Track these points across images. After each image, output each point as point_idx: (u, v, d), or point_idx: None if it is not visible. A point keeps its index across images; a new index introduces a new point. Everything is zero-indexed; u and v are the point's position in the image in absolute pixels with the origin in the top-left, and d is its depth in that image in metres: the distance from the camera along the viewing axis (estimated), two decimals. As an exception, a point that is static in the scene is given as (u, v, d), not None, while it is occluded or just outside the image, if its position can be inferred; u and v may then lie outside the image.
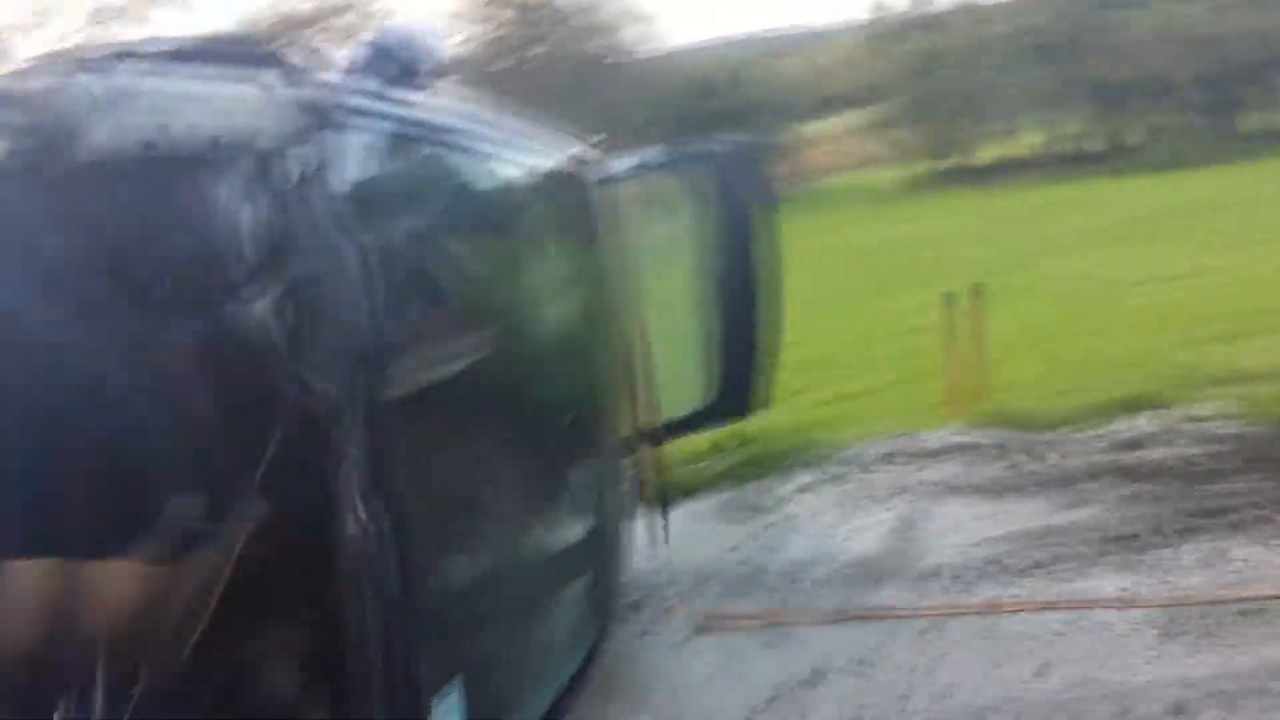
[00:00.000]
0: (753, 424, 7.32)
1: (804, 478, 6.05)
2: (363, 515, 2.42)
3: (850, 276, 17.71)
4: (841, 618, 4.31)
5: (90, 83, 1.69)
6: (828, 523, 5.36)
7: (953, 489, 5.65)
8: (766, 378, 5.91)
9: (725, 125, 31.40)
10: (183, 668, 2.41)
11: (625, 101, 31.04)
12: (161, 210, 2.04)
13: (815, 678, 3.89)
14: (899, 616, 4.27)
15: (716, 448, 6.68)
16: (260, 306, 2.18)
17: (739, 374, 5.79)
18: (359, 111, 2.60)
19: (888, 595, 4.49)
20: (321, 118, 2.36)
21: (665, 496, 4.57)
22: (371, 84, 2.79)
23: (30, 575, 2.31)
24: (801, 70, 40.48)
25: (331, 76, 2.73)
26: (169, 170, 2.00)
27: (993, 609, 4.24)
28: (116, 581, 2.32)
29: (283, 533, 2.41)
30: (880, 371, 11.33)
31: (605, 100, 29.98)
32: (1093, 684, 3.64)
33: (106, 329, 2.16)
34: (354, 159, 2.51)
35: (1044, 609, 4.19)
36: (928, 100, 33.56)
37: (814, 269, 20.03)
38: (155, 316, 2.16)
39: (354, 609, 2.44)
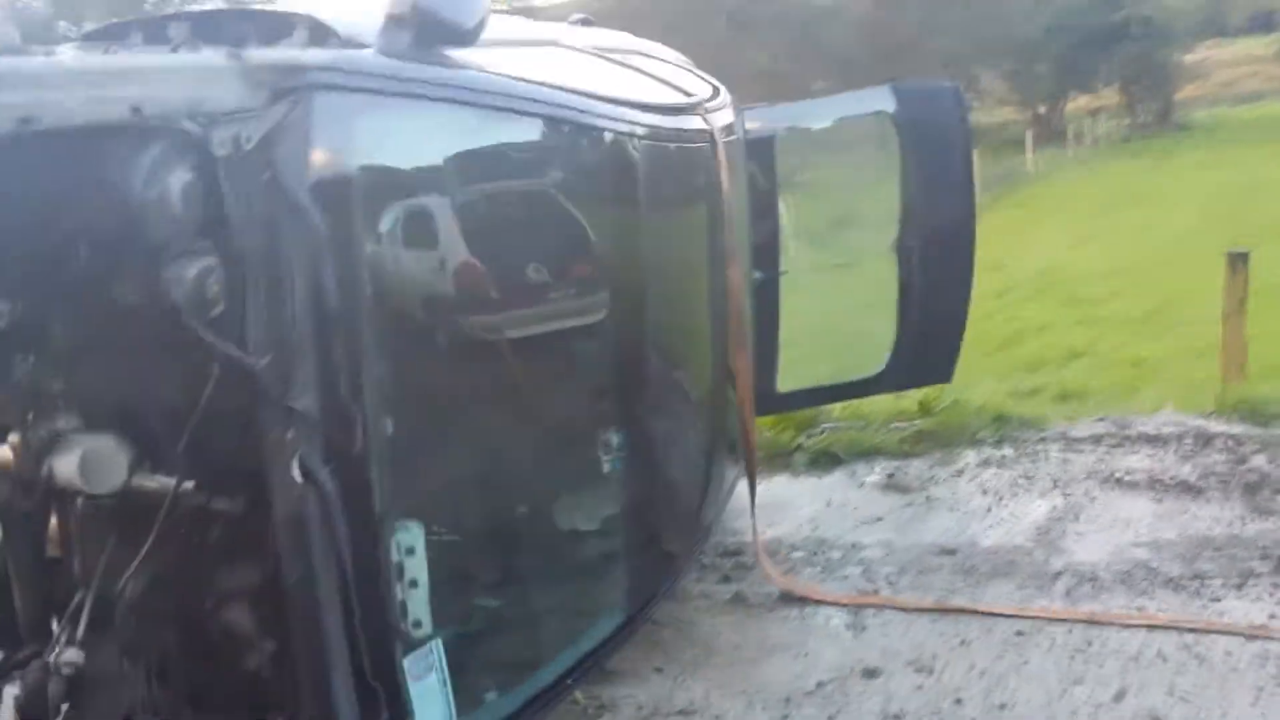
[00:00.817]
0: (982, 390, 7.07)
1: (986, 454, 5.71)
2: (300, 476, 2.59)
3: (1219, 221, 16.19)
4: (935, 610, 4.11)
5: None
6: (980, 506, 5.06)
7: (1144, 482, 5.15)
8: (953, 345, 5.65)
9: (1126, 41, 29.23)
10: (138, 620, 2.73)
11: (1020, 9, 29.07)
12: (75, 182, 2.25)
13: (876, 669, 3.76)
14: (994, 616, 4.02)
15: (925, 409, 6.41)
16: (189, 272, 2.37)
17: (921, 338, 5.57)
18: (356, 75, 2.70)
19: (1001, 592, 4.22)
20: (293, 86, 2.49)
21: (754, 461, 4.46)
22: (402, 44, 2.90)
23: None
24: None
25: (358, 40, 2.88)
26: (81, 143, 2.19)
27: (1097, 621, 3.89)
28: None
29: (222, 489, 2.65)
30: (1187, 338, 10.50)
31: (995, 8, 28.20)
32: (1168, 717, 3.30)
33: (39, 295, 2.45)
34: (335, 124, 2.60)
35: (1156, 628, 3.81)
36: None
37: (1184, 210, 18.54)
38: (84, 283, 2.43)
39: (294, 566, 2.63)
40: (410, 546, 3.10)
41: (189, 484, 2.57)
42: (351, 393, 2.68)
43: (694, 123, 3.95)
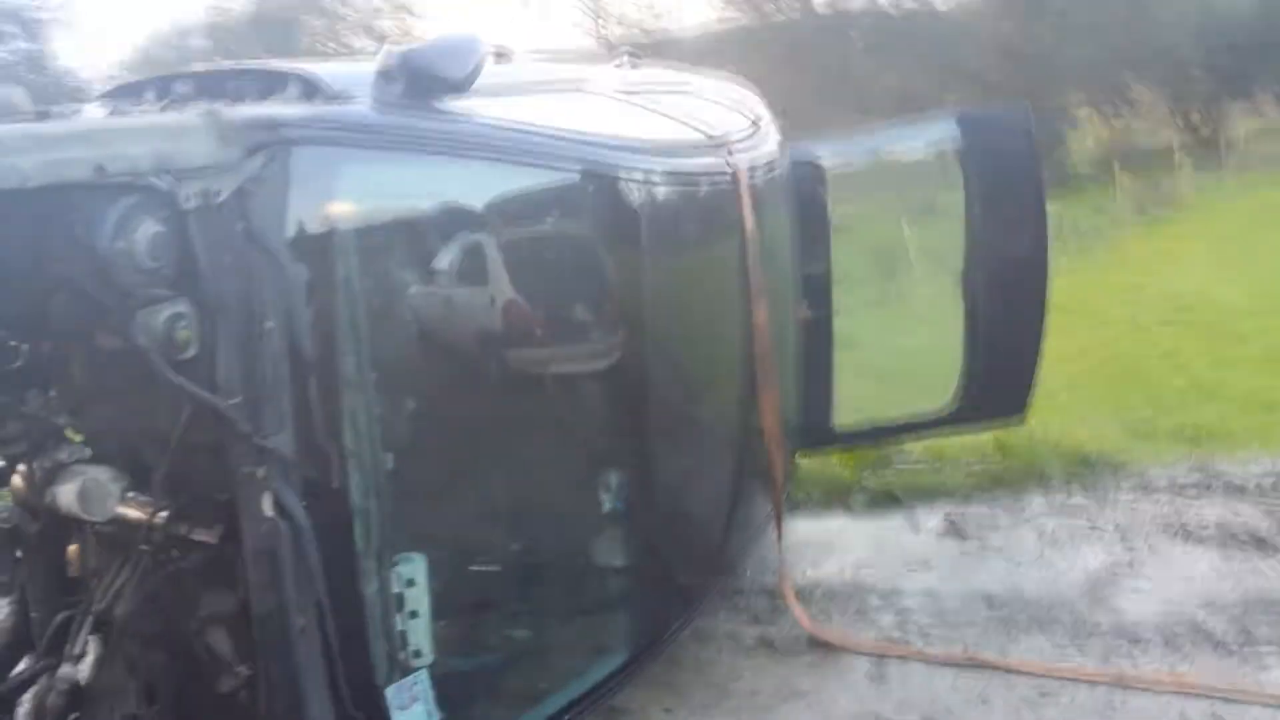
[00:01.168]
0: (1090, 426, 6.80)
1: (1055, 498, 5.50)
2: (271, 511, 2.70)
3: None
4: (961, 663, 3.99)
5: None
6: (1034, 555, 4.88)
7: (1214, 534, 4.89)
8: (1026, 381, 5.47)
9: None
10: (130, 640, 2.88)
11: (1168, 15, 27.68)
12: (52, 236, 2.41)
13: (885, 722, 3.68)
14: (1020, 673, 3.89)
15: (1003, 449, 6.20)
16: (157, 318, 2.51)
17: (990, 375, 5.42)
18: (332, 128, 2.83)
19: (1033, 646, 4.07)
20: (266, 140, 2.63)
21: (780, 501, 4.41)
22: (392, 97, 3.02)
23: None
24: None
25: (347, 95, 3.00)
26: (59, 199, 2.35)
27: (1123, 682, 3.72)
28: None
29: (199, 521, 2.78)
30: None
31: (1140, 14, 26.99)
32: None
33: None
34: (310, 175, 2.72)
35: (1186, 692, 3.61)
36: None
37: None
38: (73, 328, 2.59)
39: (266, 596, 2.73)
40: (410, 578, 3.20)
41: (168, 514, 2.72)
42: (326, 431, 2.80)
43: (710, 162, 3.95)
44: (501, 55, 4.02)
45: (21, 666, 3.17)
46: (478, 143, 3.12)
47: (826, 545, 5.15)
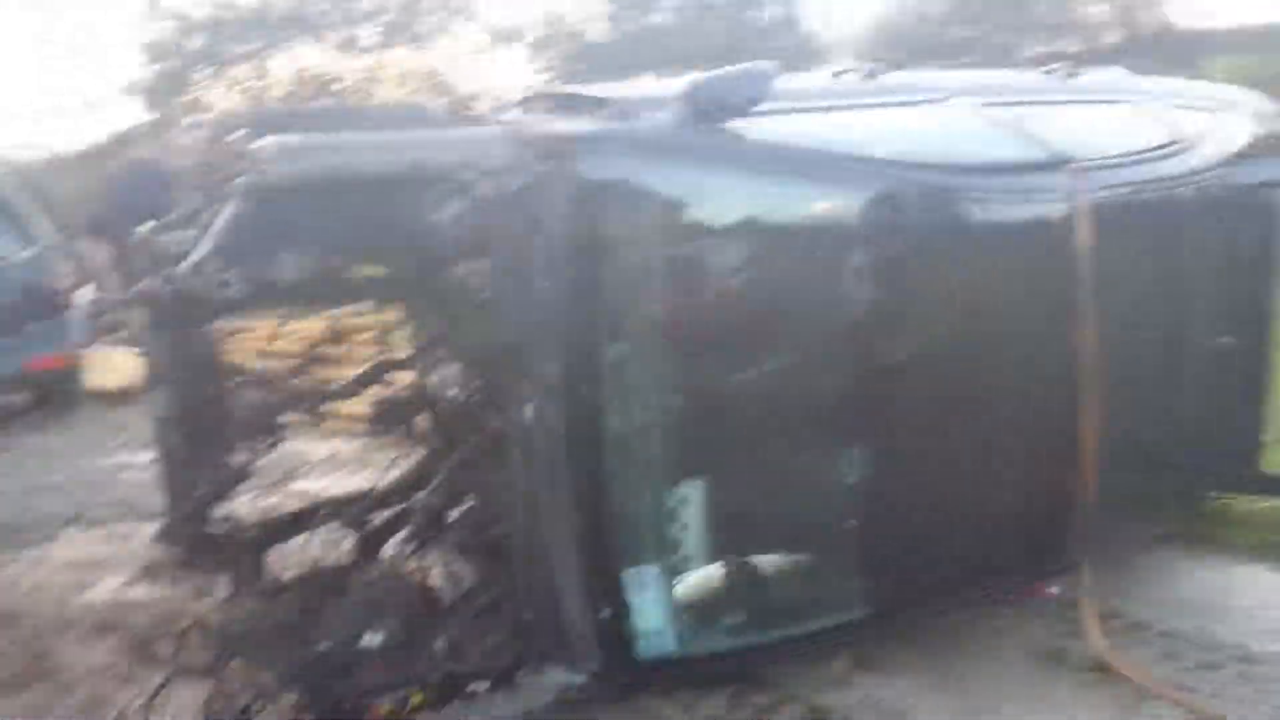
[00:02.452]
0: None
1: None
2: (531, 414, 3.76)
3: None
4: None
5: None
6: None
7: None
8: None
9: None
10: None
11: None
12: (375, 218, 3.66)
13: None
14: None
15: None
16: (460, 276, 3.69)
17: None
18: (612, 141, 3.80)
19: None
20: (557, 150, 3.70)
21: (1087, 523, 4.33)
22: (681, 117, 3.86)
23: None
24: None
25: (645, 114, 3.91)
26: (395, 190, 3.62)
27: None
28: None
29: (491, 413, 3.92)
30: None
31: None
32: None
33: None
34: (588, 176, 3.72)
35: None
36: None
37: None
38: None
39: (521, 478, 3.81)
40: (685, 497, 4.01)
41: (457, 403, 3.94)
42: (586, 364, 3.73)
43: (1036, 181, 4.09)
44: (871, 74, 4.58)
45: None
46: (744, 158, 3.82)
47: (1219, 590, 4.83)
